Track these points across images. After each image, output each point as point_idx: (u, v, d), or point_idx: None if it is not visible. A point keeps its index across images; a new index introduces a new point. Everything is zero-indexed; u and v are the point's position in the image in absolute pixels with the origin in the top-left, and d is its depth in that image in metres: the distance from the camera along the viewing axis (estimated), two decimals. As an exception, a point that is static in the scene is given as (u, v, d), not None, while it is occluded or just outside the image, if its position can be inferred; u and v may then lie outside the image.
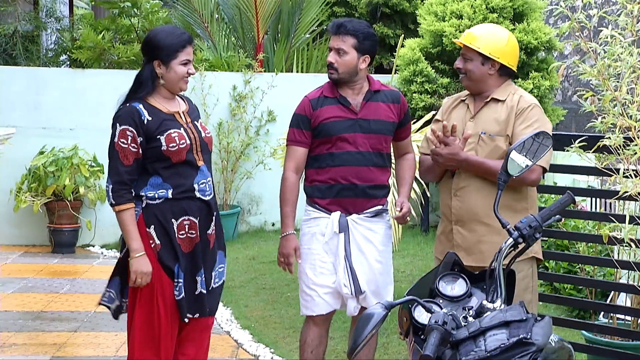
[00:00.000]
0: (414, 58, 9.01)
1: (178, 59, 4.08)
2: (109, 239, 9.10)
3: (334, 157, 4.44)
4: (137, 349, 4.12)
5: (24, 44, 9.58)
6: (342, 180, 4.44)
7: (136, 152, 4.03)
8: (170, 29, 4.28)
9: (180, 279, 4.10)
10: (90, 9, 12.40)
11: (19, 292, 7.17)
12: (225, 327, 6.29)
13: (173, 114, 4.14)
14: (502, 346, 2.67)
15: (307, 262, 4.49)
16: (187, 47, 4.11)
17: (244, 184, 9.65)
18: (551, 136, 3.34)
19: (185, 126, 4.14)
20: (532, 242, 3.09)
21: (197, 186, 4.12)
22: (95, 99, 9.19)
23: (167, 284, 4.08)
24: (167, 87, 4.13)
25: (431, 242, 9.06)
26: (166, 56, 4.08)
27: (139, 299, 4.10)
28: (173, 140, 4.06)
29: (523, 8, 9.07)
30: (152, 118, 4.05)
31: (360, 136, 4.45)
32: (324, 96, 4.49)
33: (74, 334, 6.12)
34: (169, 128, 4.07)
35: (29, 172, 8.73)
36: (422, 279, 3.10)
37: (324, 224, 4.46)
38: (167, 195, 4.07)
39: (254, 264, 8.17)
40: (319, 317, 4.53)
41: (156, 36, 4.14)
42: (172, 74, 4.10)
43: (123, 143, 4.03)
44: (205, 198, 4.15)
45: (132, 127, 4.02)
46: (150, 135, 4.04)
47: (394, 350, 5.73)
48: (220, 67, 9.87)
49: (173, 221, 4.08)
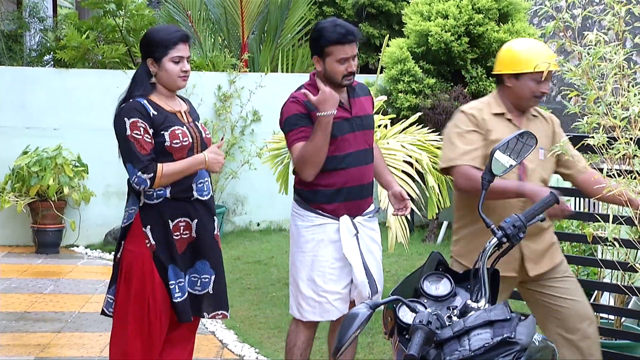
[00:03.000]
0: (402, 57, 9.02)
1: (169, 56, 4.06)
2: (93, 239, 9.08)
3: (339, 160, 4.34)
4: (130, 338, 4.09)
5: (7, 43, 9.54)
6: (350, 182, 4.37)
7: (150, 143, 4.00)
8: (165, 27, 4.26)
9: (182, 278, 4.10)
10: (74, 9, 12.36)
11: (2, 293, 7.13)
12: (210, 327, 6.28)
13: (175, 112, 4.13)
14: (486, 345, 2.67)
15: (314, 270, 4.40)
16: (179, 44, 4.08)
17: (229, 184, 9.64)
18: (535, 136, 3.35)
19: (188, 125, 4.14)
20: (516, 241, 3.10)
21: (195, 186, 4.12)
22: (80, 98, 9.17)
23: (158, 284, 4.07)
24: (163, 84, 4.12)
25: (416, 241, 9.08)
26: (158, 53, 4.06)
27: (132, 294, 4.08)
28: (177, 136, 4.04)
29: (508, 9, 9.11)
30: (157, 113, 4.04)
31: (358, 134, 4.40)
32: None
33: (58, 334, 6.09)
34: (173, 125, 4.06)
35: (13, 172, 8.69)
36: (406, 279, 3.10)
37: (332, 230, 4.38)
38: (165, 195, 4.05)
39: (238, 264, 8.16)
40: (311, 322, 4.52)
41: (149, 34, 4.14)
42: (163, 71, 4.08)
43: (137, 134, 3.98)
44: (203, 198, 4.15)
45: (141, 119, 3.99)
46: (156, 130, 4.02)
47: (379, 350, 5.73)
48: (205, 67, 9.86)
49: (169, 222, 4.07)
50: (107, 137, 4.08)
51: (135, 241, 4.09)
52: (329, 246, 4.39)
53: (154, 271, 4.06)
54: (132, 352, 4.11)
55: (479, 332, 2.71)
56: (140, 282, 4.07)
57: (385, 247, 6.25)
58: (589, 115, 3.39)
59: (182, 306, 4.11)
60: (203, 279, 4.18)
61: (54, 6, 11.45)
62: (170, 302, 4.10)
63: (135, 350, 4.10)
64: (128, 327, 4.10)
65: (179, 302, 4.10)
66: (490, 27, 8.94)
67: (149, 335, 4.10)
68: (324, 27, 4.35)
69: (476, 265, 3.00)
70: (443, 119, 8.75)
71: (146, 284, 4.07)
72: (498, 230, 3.07)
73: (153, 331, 4.10)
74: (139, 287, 4.08)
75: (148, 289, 4.07)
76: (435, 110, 8.80)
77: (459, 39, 8.92)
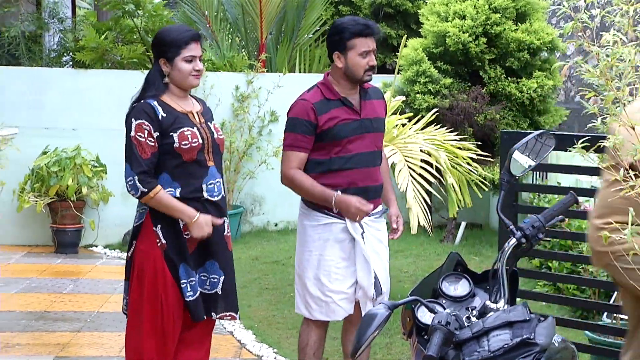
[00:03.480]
0: (417, 58, 9.01)
1: (181, 55, 4.07)
2: (112, 239, 9.12)
3: (345, 160, 4.37)
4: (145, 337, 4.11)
5: (26, 44, 9.60)
6: (356, 183, 4.38)
7: (153, 146, 4.02)
8: (177, 27, 4.26)
9: (193, 277, 4.12)
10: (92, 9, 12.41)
11: (22, 292, 7.17)
12: (228, 327, 6.30)
13: (187, 113, 4.14)
14: (505, 346, 2.66)
15: (320, 269, 4.42)
16: (191, 44, 4.09)
17: (246, 184, 9.66)
18: (554, 136, 3.34)
19: (199, 126, 4.14)
20: (535, 242, 3.08)
21: (206, 187, 4.13)
22: (97, 99, 9.22)
23: (170, 283, 4.08)
24: (176, 84, 4.13)
25: (434, 242, 9.07)
26: (170, 53, 4.08)
27: (145, 293, 4.10)
28: (185, 138, 4.05)
29: (526, 8, 9.07)
30: (167, 115, 4.05)
31: (366, 136, 4.42)
32: (326, 98, 4.39)
33: (77, 334, 6.13)
34: (182, 126, 4.07)
35: (32, 172, 8.74)
36: (425, 279, 3.09)
37: (338, 229, 4.40)
38: (175, 195, 4.07)
39: (256, 264, 8.17)
40: (323, 321, 4.53)
41: (161, 34, 4.15)
42: (176, 71, 4.09)
43: (140, 137, 4.01)
44: (214, 199, 4.15)
45: (148, 121, 4.01)
46: (164, 132, 4.03)
47: (397, 351, 5.72)
48: (223, 68, 9.88)
49: (179, 221, 4.08)
50: (125, 137, 4.10)
51: (146, 240, 4.11)
52: (335, 246, 4.41)
53: (166, 270, 4.08)
54: (147, 350, 4.12)
55: (498, 332, 2.71)
56: (153, 281, 4.09)
57: (407, 227, 6.28)
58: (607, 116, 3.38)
59: (194, 305, 4.12)
60: (212, 278, 4.19)
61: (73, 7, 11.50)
62: (182, 301, 4.12)
63: (149, 349, 4.12)
64: (142, 326, 4.12)
65: (191, 301, 4.12)
66: (507, 26, 8.91)
67: (162, 334, 4.12)
68: (344, 22, 4.41)
69: (495, 265, 2.99)
70: (461, 119, 8.74)
71: (158, 283, 4.09)
72: (517, 231, 3.06)
73: (167, 330, 4.12)
74: (151, 286, 4.10)
75: (160, 288, 4.09)
76: (453, 111, 8.78)
77: (477, 40, 8.89)
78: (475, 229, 9.78)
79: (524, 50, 8.88)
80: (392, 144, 6.56)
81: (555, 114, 9.17)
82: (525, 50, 8.87)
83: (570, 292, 6.49)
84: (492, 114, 8.76)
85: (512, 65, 8.96)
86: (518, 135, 4.89)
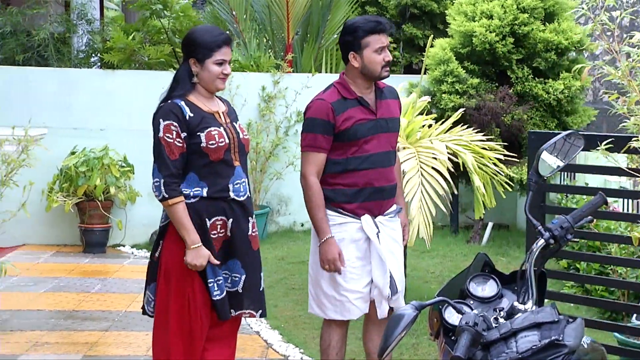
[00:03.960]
0: (445, 58, 8.98)
1: (213, 58, 4.10)
2: (139, 239, 9.17)
3: (361, 160, 4.38)
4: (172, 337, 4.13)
5: (55, 45, 9.67)
6: (372, 183, 4.40)
7: (181, 147, 4.05)
8: (210, 28, 4.29)
9: (220, 276, 4.13)
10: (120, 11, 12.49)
11: (51, 292, 7.23)
12: (254, 327, 6.31)
13: (213, 113, 4.16)
14: (533, 348, 2.65)
15: None
16: (224, 47, 4.12)
17: (273, 185, 9.67)
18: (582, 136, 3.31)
19: (225, 126, 4.17)
20: (564, 243, 3.06)
21: (232, 186, 4.14)
22: (125, 99, 9.27)
23: (197, 282, 4.11)
24: (202, 85, 4.16)
25: (461, 242, 9.04)
26: (202, 54, 4.10)
27: (172, 293, 4.13)
28: (212, 137, 4.08)
29: (554, 8, 9.01)
30: (194, 115, 4.08)
31: (382, 136, 4.43)
32: (343, 98, 4.40)
33: (105, 333, 6.17)
34: (209, 126, 4.09)
35: (61, 172, 8.80)
36: (452, 280, 3.08)
37: (354, 229, 4.42)
38: (202, 194, 4.09)
39: (283, 264, 8.19)
40: (343, 320, 4.53)
41: (194, 34, 4.18)
42: (206, 72, 4.12)
43: (168, 138, 4.04)
44: (240, 198, 4.17)
45: (176, 122, 4.04)
46: (192, 132, 4.06)
47: (424, 352, 5.71)
48: (249, 68, 9.91)
49: (207, 220, 4.10)
50: (152, 137, 4.12)
51: (173, 240, 4.13)
52: (350, 245, 4.42)
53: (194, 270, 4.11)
54: (174, 350, 4.14)
55: (527, 334, 2.69)
56: (180, 281, 4.12)
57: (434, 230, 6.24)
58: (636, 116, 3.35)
59: (221, 304, 4.14)
60: (234, 277, 4.21)
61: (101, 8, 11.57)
62: (209, 300, 4.14)
63: (177, 349, 4.14)
64: (169, 325, 4.14)
65: (219, 300, 4.13)
66: (535, 26, 8.86)
67: (190, 333, 4.14)
68: (356, 21, 4.44)
69: (523, 266, 2.98)
70: (488, 120, 8.70)
71: (186, 283, 4.11)
72: (545, 232, 3.04)
73: (194, 329, 4.14)
74: (178, 285, 4.12)
75: (188, 288, 4.11)
76: (480, 111, 8.75)
77: (504, 39, 8.85)
78: (502, 230, 9.74)
79: (552, 50, 8.83)
80: (414, 146, 6.51)
81: (584, 114, 9.11)
82: (553, 50, 8.82)
83: (599, 293, 6.45)
84: (519, 114, 8.72)
85: (540, 66, 8.90)
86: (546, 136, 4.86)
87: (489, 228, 9.29)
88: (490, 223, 9.32)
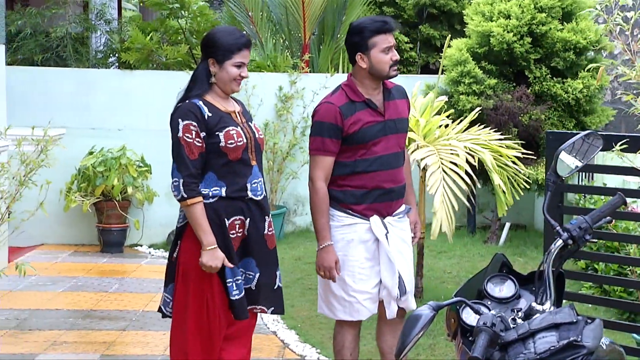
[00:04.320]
0: (462, 59, 8.96)
1: (232, 60, 4.12)
2: (156, 238, 9.20)
3: (369, 162, 4.37)
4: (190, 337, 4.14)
5: (74, 45, 9.71)
6: (381, 185, 4.39)
7: (200, 147, 4.07)
8: (231, 30, 4.30)
9: (239, 276, 4.14)
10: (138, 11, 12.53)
11: (69, 291, 7.27)
12: (271, 327, 6.32)
13: (230, 112, 4.18)
14: (552, 349, 2.64)
15: (344, 270, 4.43)
16: (243, 50, 4.14)
17: (289, 185, 9.68)
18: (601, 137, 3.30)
19: (242, 125, 4.18)
20: (582, 243, 3.04)
21: (250, 186, 4.16)
22: (143, 99, 9.30)
23: (216, 282, 4.12)
24: (219, 86, 4.17)
25: (478, 243, 9.01)
26: (221, 55, 4.12)
27: (191, 293, 4.14)
28: (231, 137, 4.09)
29: (572, 7, 8.97)
30: (212, 114, 4.10)
31: (390, 138, 4.42)
32: (351, 101, 4.38)
33: (123, 332, 6.19)
34: (227, 125, 4.11)
35: (79, 172, 8.84)
36: (470, 280, 3.08)
37: (362, 230, 4.41)
38: (220, 194, 4.10)
39: (299, 264, 8.19)
40: (355, 321, 4.53)
41: (215, 35, 4.19)
42: (224, 73, 4.13)
43: (188, 137, 4.05)
44: (257, 198, 4.18)
45: (195, 121, 4.06)
46: (210, 131, 4.08)
47: (441, 352, 5.70)
48: (266, 68, 9.91)
49: (226, 220, 4.11)
50: (169, 137, 4.14)
51: (191, 241, 4.14)
52: (359, 246, 4.42)
53: None
54: (192, 351, 4.15)
55: (545, 335, 2.68)
56: (199, 281, 4.12)
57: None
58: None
59: (239, 304, 4.15)
60: (248, 275, 4.23)
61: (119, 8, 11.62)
62: (227, 300, 4.14)
63: (195, 349, 4.15)
64: (187, 326, 4.15)
65: (237, 300, 4.14)
66: (553, 26, 8.82)
67: (208, 334, 4.15)
68: (362, 22, 4.44)
69: (541, 267, 2.97)
70: (505, 120, 8.67)
71: (204, 283, 4.12)
72: (563, 232, 3.03)
73: (213, 329, 4.14)
74: (197, 286, 4.13)
75: (206, 288, 4.12)
76: (497, 111, 8.72)
77: (522, 39, 8.82)
78: (519, 230, 9.70)
79: (570, 50, 8.79)
80: (433, 145, 6.51)
81: (602, 114, 9.06)
82: (571, 50, 8.78)
83: (617, 294, 6.42)
84: (537, 114, 8.68)
85: (558, 66, 8.87)
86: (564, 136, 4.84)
87: (506, 228, 9.25)
88: (507, 223, 9.29)
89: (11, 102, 8.64)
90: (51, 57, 9.66)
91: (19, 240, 8.38)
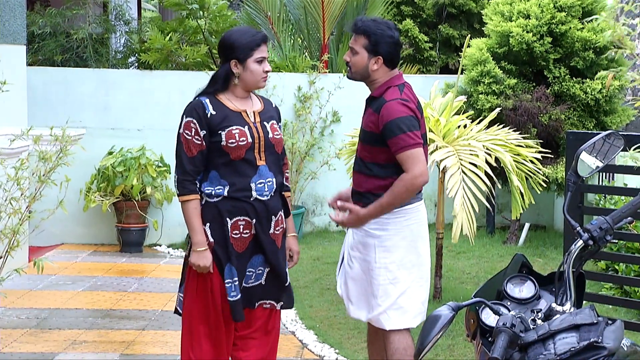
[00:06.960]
0: (482, 58, 8.93)
1: (253, 57, 4.14)
2: (175, 238, 9.22)
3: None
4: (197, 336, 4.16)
5: (94, 46, 9.76)
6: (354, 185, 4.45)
7: (200, 145, 4.10)
8: (244, 29, 4.34)
9: (236, 277, 4.15)
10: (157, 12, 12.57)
11: (88, 290, 7.30)
12: (290, 327, 6.32)
13: (240, 111, 4.17)
14: (572, 350, 2.62)
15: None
16: (262, 45, 4.16)
17: (308, 185, 9.68)
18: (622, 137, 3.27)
19: (251, 124, 4.17)
20: (603, 244, 3.02)
21: (254, 186, 4.15)
22: (162, 100, 9.33)
23: (217, 282, 4.14)
24: (244, 85, 4.18)
25: (497, 243, 8.98)
26: (242, 55, 4.13)
27: (197, 292, 4.17)
28: (233, 136, 4.10)
29: (592, 6, 8.92)
30: (217, 113, 4.11)
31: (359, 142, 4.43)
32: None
33: (142, 332, 6.21)
34: (231, 124, 4.11)
35: (98, 172, 8.88)
36: (489, 281, 3.06)
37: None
38: (223, 193, 4.11)
39: (318, 264, 8.19)
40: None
41: (230, 37, 4.20)
42: (248, 72, 4.15)
43: (187, 135, 4.12)
44: (263, 198, 4.17)
45: (195, 119, 4.10)
46: (213, 130, 4.10)
47: (460, 353, 5.68)
48: (285, 68, 9.92)
49: (228, 220, 4.12)
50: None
51: None
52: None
53: (214, 268, 4.14)
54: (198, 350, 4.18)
55: (565, 336, 2.66)
56: (202, 280, 4.15)
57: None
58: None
59: (235, 305, 4.15)
60: (257, 271, 4.23)
61: (139, 9, 11.66)
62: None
63: (200, 348, 4.16)
64: (193, 324, 4.18)
65: (233, 301, 4.14)
66: (573, 25, 8.78)
67: (216, 332, 4.16)
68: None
69: (561, 267, 2.95)
70: (525, 120, 8.64)
71: (206, 281, 4.14)
72: (584, 233, 3.01)
73: (219, 327, 4.16)
74: (201, 284, 4.16)
75: (208, 286, 4.14)
76: (516, 112, 8.69)
77: (541, 39, 8.78)
78: (539, 231, 9.66)
79: (590, 49, 8.74)
80: (452, 145, 6.49)
81: (623, 114, 9.01)
82: (591, 49, 8.73)
83: (638, 295, 6.37)
84: (556, 114, 8.64)
85: (577, 65, 8.82)
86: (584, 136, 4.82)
87: (526, 229, 9.22)
88: (527, 224, 9.25)
89: (32, 103, 8.69)
90: (71, 57, 9.71)
91: (39, 240, 8.44)
